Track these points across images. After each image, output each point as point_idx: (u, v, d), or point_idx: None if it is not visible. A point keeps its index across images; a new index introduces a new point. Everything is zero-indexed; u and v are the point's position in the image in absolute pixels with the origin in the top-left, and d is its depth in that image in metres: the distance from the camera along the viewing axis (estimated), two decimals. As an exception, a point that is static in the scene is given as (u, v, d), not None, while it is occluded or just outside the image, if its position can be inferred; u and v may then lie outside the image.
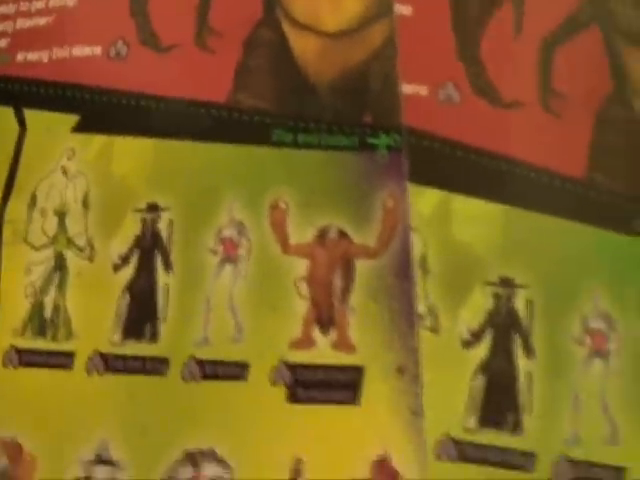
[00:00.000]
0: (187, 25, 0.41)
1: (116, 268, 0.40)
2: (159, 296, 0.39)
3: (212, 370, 0.38)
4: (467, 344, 0.37)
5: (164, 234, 0.40)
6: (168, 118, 0.41)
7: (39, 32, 0.43)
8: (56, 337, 0.40)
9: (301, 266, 0.39)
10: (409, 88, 0.39)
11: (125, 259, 0.40)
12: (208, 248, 0.39)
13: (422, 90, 0.39)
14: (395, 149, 0.39)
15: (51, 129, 0.42)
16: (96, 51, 0.42)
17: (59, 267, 0.41)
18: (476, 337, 0.38)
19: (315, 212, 0.39)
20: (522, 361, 0.37)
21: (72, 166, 0.42)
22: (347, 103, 0.39)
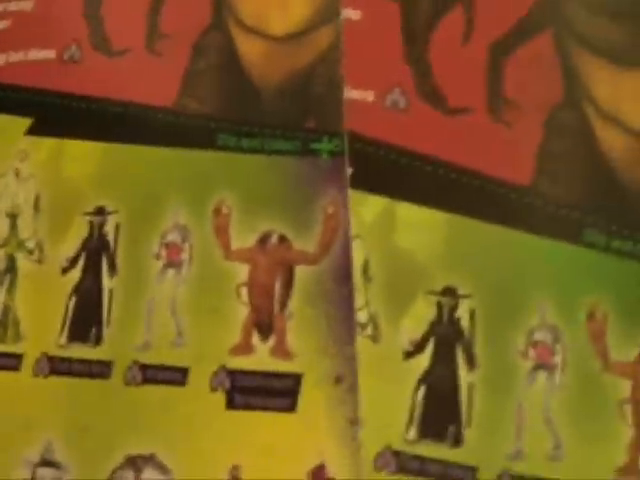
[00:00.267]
0: (138, 29, 0.41)
1: (64, 271, 0.40)
2: (104, 299, 0.40)
3: (153, 374, 0.38)
4: (408, 354, 0.37)
5: (111, 238, 0.40)
6: (117, 122, 0.41)
7: (-3, 36, 0.44)
8: (4, 339, 0.41)
9: (242, 271, 0.38)
10: (356, 94, 0.39)
11: (73, 262, 0.40)
12: (152, 253, 0.39)
13: (369, 96, 0.39)
14: (338, 154, 0.38)
15: (5, 131, 0.43)
16: (50, 55, 0.43)
17: (9, 269, 0.41)
18: (418, 347, 0.37)
19: (257, 217, 0.39)
20: (464, 373, 0.36)
21: (24, 168, 0.42)
22: (291, 107, 0.39)
